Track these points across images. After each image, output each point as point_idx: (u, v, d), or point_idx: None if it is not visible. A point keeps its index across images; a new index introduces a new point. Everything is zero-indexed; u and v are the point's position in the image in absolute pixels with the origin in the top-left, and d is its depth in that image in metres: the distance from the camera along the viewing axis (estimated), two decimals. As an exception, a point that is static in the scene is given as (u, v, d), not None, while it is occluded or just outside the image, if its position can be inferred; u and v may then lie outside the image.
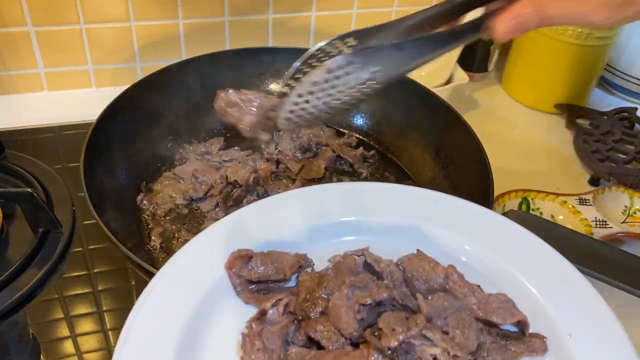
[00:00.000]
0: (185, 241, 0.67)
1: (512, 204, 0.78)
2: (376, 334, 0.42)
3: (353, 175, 0.79)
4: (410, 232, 0.52)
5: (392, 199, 0.54)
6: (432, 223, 0.52)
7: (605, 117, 0.96)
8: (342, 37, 0.53)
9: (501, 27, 0.46)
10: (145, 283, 0.67)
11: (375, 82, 0.49)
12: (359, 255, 0.48)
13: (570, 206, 0.76)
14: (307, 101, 0.52)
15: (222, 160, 0.76)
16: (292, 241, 0.51)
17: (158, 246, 0.67)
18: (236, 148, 0.79)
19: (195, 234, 0.68)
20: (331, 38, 0.54)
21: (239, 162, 0.75)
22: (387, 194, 0.55)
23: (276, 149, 0.79)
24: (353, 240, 0.52)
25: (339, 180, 0.77)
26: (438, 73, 0.99)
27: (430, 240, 0.51)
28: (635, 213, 0.79)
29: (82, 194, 0.59)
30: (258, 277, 0.48)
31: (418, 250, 0.49)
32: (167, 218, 0.71)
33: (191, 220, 0.71)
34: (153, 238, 0.68)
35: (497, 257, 0.49)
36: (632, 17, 0.43)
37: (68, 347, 0.61)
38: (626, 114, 0.97)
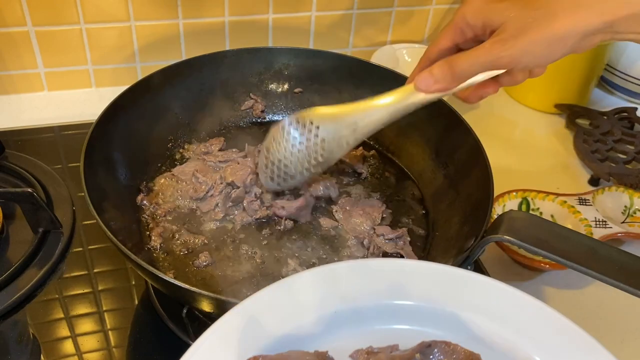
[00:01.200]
0: (185, 241, 0.68)
1: (512, 204, 0.78)
2: None
3: (353, 175, 0.79)
4: (440, 318, 0.49)
5: (417, 279, 0.50)
6: (465, 309, 0.49)
7: (605, 117, 0.96)
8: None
9: (418, 79, 0.55)
10: (145, 283, 0.67)
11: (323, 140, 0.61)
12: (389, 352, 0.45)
13: (570, 206, 0.77)
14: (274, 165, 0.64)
15: (219, 161, 0.76)
16: (311, 333, 0.47)
17: (158, 246, 0.67)
18: (234, 150, 0.79)
19: (195, 234, 0.68)
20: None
21: (238, 163, 0.75)
22: (411, 273, 0.50)
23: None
24: (379, 330, 0.48)
25: (339, 181, 0.77)
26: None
27: (464, 328, 0.48)
28: (635, 213, 0.79)
29: (82, 194, 0.59)
30: None
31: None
32: (167, 218, 0.71)
33: (191, 220, 0.71)
34: (153, 238, 0.68)
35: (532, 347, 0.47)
36: (524, 51, 0.49)
37: (68, 347, 0.61)
38: (626, 114, 0.97)
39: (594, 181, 0.87)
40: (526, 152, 0.93)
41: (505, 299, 0.48)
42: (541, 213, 0.77)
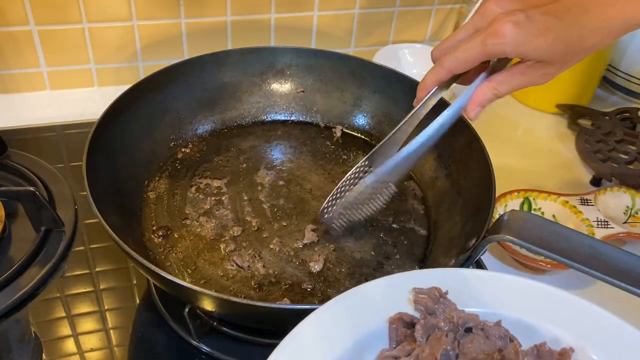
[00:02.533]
0: (190, 242, 0.68)
1: (514, 203, 0.78)
2: None
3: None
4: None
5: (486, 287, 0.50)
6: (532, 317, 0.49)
7: (607, 118, 0.96)
8: (359, 166, 0.66)
9: (472, 114, 0.58)
10: (147, 282, 0.67)
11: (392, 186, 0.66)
12: None
13: (572, 206, 0.76)
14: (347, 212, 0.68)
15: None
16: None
17: (161, 246, 0.67)
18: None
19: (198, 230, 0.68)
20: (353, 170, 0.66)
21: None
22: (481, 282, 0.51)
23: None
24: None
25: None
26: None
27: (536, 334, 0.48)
28: (637, 213, 0.79)
29: (85, 192, 0.59)
30: None
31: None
32: (171, 216, 0.71)
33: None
34: (155, 238, 0.68)
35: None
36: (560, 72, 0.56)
37: (70, 346, 0.61)
38: (628, 114, 0.97)
39: (595, 181, 0.87)
40: (528, 152, 0.93)
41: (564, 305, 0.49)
42: (543, 213, 0.77)
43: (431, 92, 0.63)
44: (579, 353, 0.46)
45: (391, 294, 0.48)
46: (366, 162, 0.66)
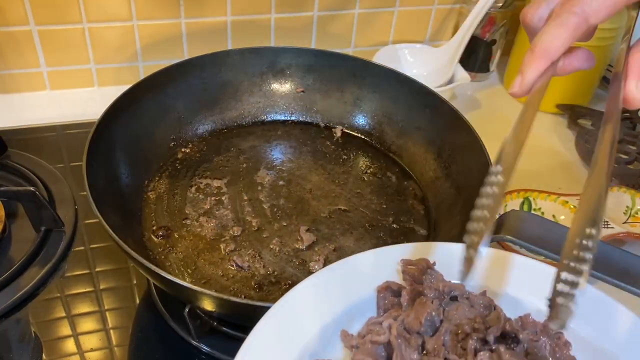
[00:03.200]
0: (190, 242, 0.68)
1: (514, 203, 0.78)
2: None
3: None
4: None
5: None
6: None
7: (607, 118, 0.96)
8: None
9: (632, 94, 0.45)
10: (147, 282, 0.67)
11: None
12: None
13: (572, 206, 0.76)
14: None
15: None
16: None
17: (161, 246, 0.67)
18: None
19: (198, 230, 0.68)
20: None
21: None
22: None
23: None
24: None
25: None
26: (440, 73, 0.99)
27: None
28: (636, 213, 0.79)
29: (85, 192, 0.59)
30: None
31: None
32: (171, 216, 0.71)
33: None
34: (155, 238, 0.68)
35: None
36: None
37: (70, 345, 0.61)
38: (628, 114, 0.97)
39: (595, 181, 0.87)
40: (528, 152, 0.92)
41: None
42: (543, 213, 0.77)
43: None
44: (574, 335, 0.46)
45: (380, 265, 0.49)
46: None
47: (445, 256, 0.50)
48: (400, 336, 0.44)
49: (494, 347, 0.43)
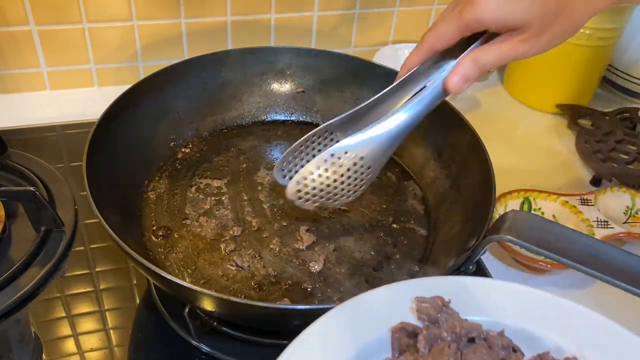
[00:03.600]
0: (190, 242, 0.68)
1: (514, 204, 0.78)
2: None
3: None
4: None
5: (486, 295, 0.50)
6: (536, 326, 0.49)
7: (607, 118, 0.96)
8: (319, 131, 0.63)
9: (450, 84, 0.54)
10: (147, 282, 0.67)
11: (368, 166, 0.59)
12: None
13: (572, 206, 0.76)
14: (313, 182, 0.59)
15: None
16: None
17: (161, 246, 0.67)
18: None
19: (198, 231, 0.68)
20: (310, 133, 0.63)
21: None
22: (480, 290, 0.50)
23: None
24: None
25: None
26: (440, 73, 0.99)
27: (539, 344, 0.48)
28: (636, 213, 0.79)
29: (85, 192, 0.59)
30: None
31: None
32: (171, 216, 0.71)
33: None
34: (155, 238, 0.68)
35: None
36: (547, 44, 0.52)
37: (70, 346, 0.61)
38: (628, 114, 0.97)
39: (595, 181, 0.87)
40: (528, 152, 0.93)
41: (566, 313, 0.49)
42: (543, 213, 0.77)
43: (414, 70, 0.59)
44: None
45: (394, 302, 0.48)
46: (324, 128, 0.63)
47: (460, 291, 0.49)
48: None
49: None
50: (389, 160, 0.82)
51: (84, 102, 0.96)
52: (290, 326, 0.59)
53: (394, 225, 0.73)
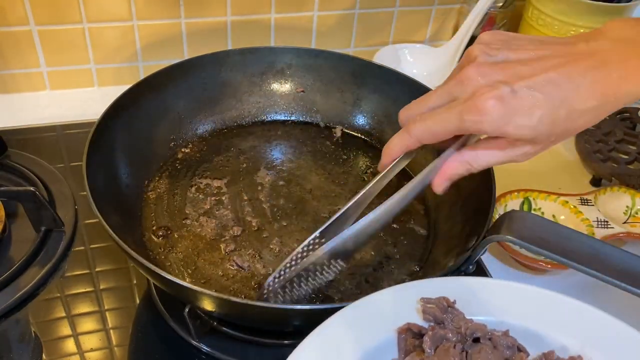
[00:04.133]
0: (190, 242, 0.68)
1: (514, 203, 0.78)
2: None
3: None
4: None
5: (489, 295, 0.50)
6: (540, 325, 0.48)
7: (607, 118, 0.96)
8: (309, 241, 0.58)
9: (437, 186, 0.54)
10: (147, 282, 0.67)
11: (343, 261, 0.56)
12: None
13: (572, 206, 0.76)
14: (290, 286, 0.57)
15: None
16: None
17: (161, 246, 0.67)
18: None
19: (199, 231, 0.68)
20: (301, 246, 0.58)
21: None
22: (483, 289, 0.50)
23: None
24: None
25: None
26: (440, 73, 0.99)
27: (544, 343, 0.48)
28: (637, 213, 0.79)
29: (84, 192, 0.59)
30: None
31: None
32: (171, 216, 0.71)
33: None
34: (155, 238, 0.68)
35: None
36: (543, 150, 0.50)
37: (70, 346, 0.61)
38: (628, 114, 0.97)
39: (595, 181, 0.87)
40: (528, 152, 0.93)
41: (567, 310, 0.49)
42: (543, 213, 0.77)
43: (397, 159, 0.58)
44: None
45: (399, 303, 0.48)
46: (318, 235, 0.58)
47: (465, 291, 0.49)
48: None
49: None
50: (389, 160, 0.82)
51: (84, 102, 0.96)
52: (290, 326, 0.59)
53: (394, 225, 0.73)
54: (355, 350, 0.45)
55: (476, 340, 0.46)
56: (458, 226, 0.68)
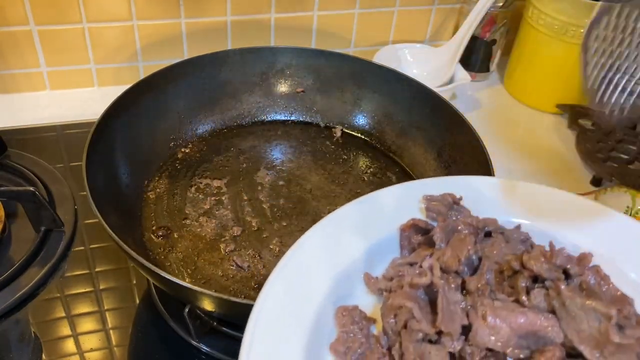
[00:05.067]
0: (190, 242, 0.68)
1: (514, 204, 0.78)
2: None
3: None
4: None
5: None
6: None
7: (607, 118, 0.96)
8: None
9: None
10: (147, 282, 0.67)
11: None
12: None
13: (572, 206, 0.76)
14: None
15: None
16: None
17: (161, 246, 0.67)
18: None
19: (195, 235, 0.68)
20: None
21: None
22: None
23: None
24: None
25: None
26: (440, 73, 0.99)
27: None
28: (637, 213, 0.78)
29: (84, 192, 0.59)
30: None
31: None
32: (171, 216, 0.71)
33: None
34: (155, 238, 0.68)
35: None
36: None
37: (69, 346, 0.61)
38: (628, 114, 0.97)
39: (596, 181, 0.87)
40: (528, 152, 0.93)
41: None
42: (543, 213, 0.77)
43: None
44: (608, 264, 0.42)
45: (402, 201, 0.46)
46: None
47: (471, 191, 0.46)
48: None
49: (547, 284, 0.39)
50: (389, 160, 0.82)
51: (84, 102, 0.96)
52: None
53: (394, 225, 0.72)
54: (355, 249, 0.43)
55: (487, 234, 0.44)
56: (458, 226, 0.68)
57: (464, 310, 0.39)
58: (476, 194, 0.46)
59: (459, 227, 0.43)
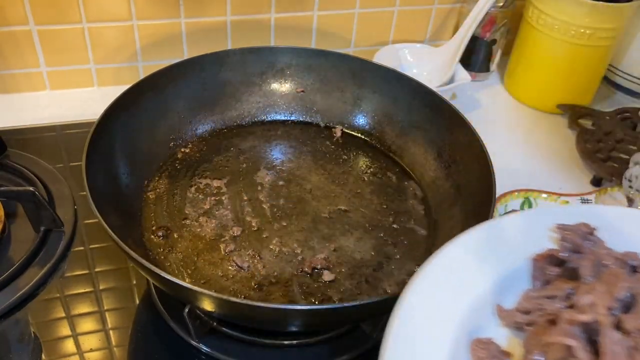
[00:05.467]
0: (190, 242, 0.68)
1: (514, 203, 0.78)
2: None
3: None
4: None
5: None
6: None
7: (608, 118, 0.96)
8: None
9: None
10: (146, 282, 0.67)
11: None
12: None
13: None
14: None
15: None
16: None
17: (161, 246, 0.67)
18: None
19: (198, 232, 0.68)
20: None
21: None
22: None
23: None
24: None
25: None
26: (440, 73, 0.99)
27: None
28: (637, 213, 0.78)
29: (84, 192, 0.59)
30: None
31: None
32: (170, 217, 0.71)
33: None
34: (155, 238, 0.68)
35: None
36: None
37: (69, 346, 0.61)
38: (628, 114, 0.97)
39: (596, 181, 0.87)
40: (528, 152, 0.93)
41: None
42: (543, 213, 0.77)
43: None
44: None
45: (529, 230, 0.43)
46: None
47: (599, 220, 0.44)
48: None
49: None
50: (389, 160, 0.82)
51: (84, 102, 0.96)
52: (290, 326, 0.59)
53: (394, 225, 0.73)
54: (484, 280, 0.40)
55: (632, 269, 0.41)
56: (458, 226, 0.68)
57: (629, 350, 0.36)
58: (605, 223, 0.44)
59: (605, 260, 0.41)
